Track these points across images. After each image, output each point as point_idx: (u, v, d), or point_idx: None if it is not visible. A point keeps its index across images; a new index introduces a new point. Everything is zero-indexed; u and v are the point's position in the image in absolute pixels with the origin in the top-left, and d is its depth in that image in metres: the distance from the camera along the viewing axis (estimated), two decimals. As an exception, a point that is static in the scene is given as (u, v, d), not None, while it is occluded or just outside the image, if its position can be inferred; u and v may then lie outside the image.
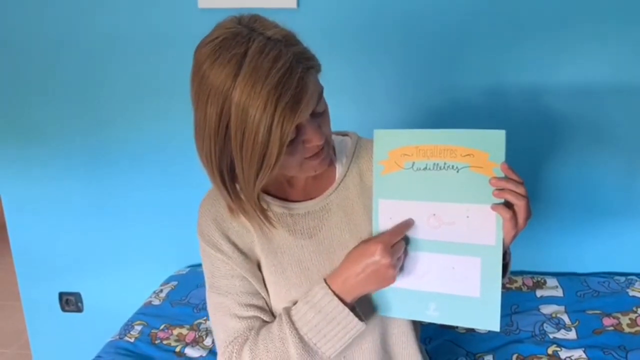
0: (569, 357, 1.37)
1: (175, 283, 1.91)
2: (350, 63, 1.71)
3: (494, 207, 0.82)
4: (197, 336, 1.62)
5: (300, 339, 0.85)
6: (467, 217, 0.84)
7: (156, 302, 1.82)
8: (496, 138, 0.82)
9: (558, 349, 1.40)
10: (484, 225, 0.84)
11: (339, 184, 0.95)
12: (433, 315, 0.87)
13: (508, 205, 0.81)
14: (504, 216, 0.81)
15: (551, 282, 1.70)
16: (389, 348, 1.00)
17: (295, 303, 0.89)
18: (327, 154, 0.86)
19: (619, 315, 1.51)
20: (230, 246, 0.92)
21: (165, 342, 1.60)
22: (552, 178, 1.74)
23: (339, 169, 0.97)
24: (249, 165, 0.76)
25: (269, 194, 0.94)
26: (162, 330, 1.66)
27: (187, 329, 1.66)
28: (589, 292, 1.64)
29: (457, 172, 0.84)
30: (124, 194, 2.01)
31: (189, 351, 1.55)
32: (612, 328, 1.46)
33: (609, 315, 1.52)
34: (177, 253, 2.04)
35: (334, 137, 1.00)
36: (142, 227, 2.04)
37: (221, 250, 0.92)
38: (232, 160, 0.78)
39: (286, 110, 0.72)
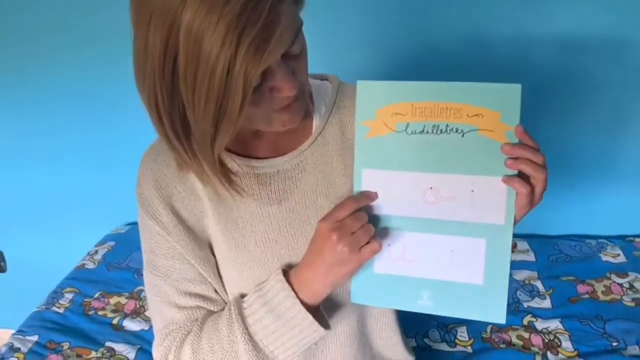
0: (546, 329, 1.29)
1: (112, 243, 1.73)
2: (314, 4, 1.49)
3: (507, 179, 0.67)
4: (137, 306, 1.44)
5: (254, 344, 0.72)
6: (472, 191, 0.70)
7: (90, 265, 1.63)
8: (510, 94, 0.67)
9: (534, 319, 1.32)
10: (492, 201, 0.70)
11: (317, 138, 0.78)
12: (426, 305, 0.74)
13: (522, 177, 0.67)
14: (520, 191, 0.67)
15: (522, 245, 1.61)
16: (367, 330, 0.88)
17: (258, 285, 0.74)
18: (302, 105, 0.68)
19: (593, 282, 1.44)
20: (173, 218, 0.75)
21: (100, 312, 1.43)
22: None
23: (317, 120, 0.79)
24: (204, 117, 0.57)
25: (231, 151, 0.76)
26: (97, 298, 1.48)
27: (126, 298, 1.48)
28: (561, 257, 1.56)
29: (462, 136, 0.69)
30: (53, 140, 1.77)
31: (128, 324, 1.38)
32: (587, 296, 1.39)
33: (583, 281, 1.45)
34: (114, 208, 1.84)
35: (310, 81, 0.82)
36: (74, 178, 1.82)
37: (161, 222, 0.75)
38: (185, 107, 0.59)
39: (251, 49, 0.53)
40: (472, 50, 1.54)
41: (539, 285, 1.44)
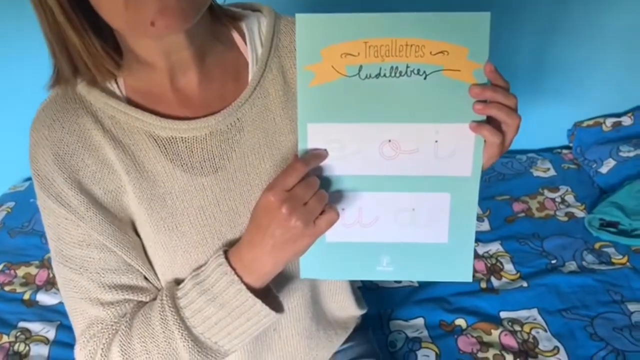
0: (487, 252, 1.29)
1: (11, 204, 1.53)
2: None
3: (475, 126, 0.60)
4: (50, 275, 1.28)
5: (195, 339, 0.62)
6: (436, 141, 0.62)
7: (-13, 233, 1.43)
8: (478, 24, 0.58)
9: (475, 243, 1.29)
10: (458, 151, 0.62)
11: (255, 89, 0.64)
12: (386, 271, 0.67)
13: (492, 122, 0.60)
14: (490, 140, 0.59)
15: (457, 166, 1.59)
16: (320, 297, 0.81)
17: (195, 270, 0.64)
18: None
19: (527, 199, 1.45)
20: (83, 198, 0.61)
21: (7, 288, 1.25)
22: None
23: (253, 66, 0.65)
24: None
25: (149, 110, 0.62)
26: (1, 271, 1.30)
27: (37, 267, 1.31)
28: (494, 175, 1.55)
29: (425, 78, 0.59)
30: None
31: (43, 297, 1.22)
32: (523, 214, 1.40)
33: (517, 199, 1.45)
34: (8, 162, 1.59)
35: (238, 12, 0.68)
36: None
37: (68, 205, 0.61)
38: None
39: None
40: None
41: (476, 207, 1.43)
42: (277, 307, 0.63)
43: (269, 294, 0.64)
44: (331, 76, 0.58)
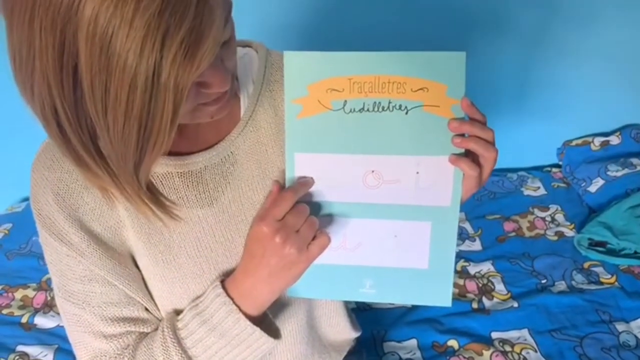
0: (479, 272, 1.30)
1: (8, 226, 1.53)
2: None
3: (454, 159, 0.62)
4: (48, 298, 1.29)
5: None
6: (417, 172, 0.64)
7: (-15, 255, 1.44)
8: (454, 63, 0.60)
9: (466, 263, 1.33)
10: (438, 183, 0.64)
11: (247, 123, 0.66)
12: (369, 294, 0.70)
13: (470, 155, 0.62)
14: (468, 173, 0.62)
15: (448, 186, 1.61)
16: (315, 322, 0.83)
17: (194, 301, 0.66)
18: (231, 92, 0.57)
19: (517, 218, 1.47)
20: (83, 236, 0.63)
21: (5, 311, 1.26)
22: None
23: (245, 101, 0.67)
24: (123, 141, 0.45)
25: None
26: (-1, 294, 1.31)
27: (34, 290, 1.32)
28: (485, 194, 1.57)
29: (406, 113, 0.62)
30: None
31: (40, 320, 1.23)
32: (514, 234, 1.42)
33: (508, 219, 1.47)
34: (5, 182, 1.60)
35: None
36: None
37: (69, 243, 0.63)
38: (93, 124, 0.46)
39: (179, 55, 0.42)
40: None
41: (467, 227, 1.45)
42: (274, 333, 0.65)
43: (265, 321, 0.66)
44: (317, 109, 0.61)
